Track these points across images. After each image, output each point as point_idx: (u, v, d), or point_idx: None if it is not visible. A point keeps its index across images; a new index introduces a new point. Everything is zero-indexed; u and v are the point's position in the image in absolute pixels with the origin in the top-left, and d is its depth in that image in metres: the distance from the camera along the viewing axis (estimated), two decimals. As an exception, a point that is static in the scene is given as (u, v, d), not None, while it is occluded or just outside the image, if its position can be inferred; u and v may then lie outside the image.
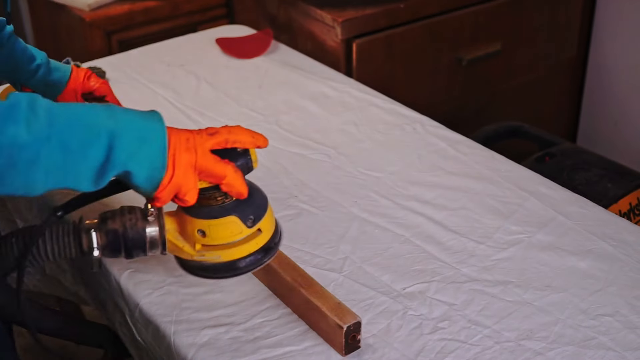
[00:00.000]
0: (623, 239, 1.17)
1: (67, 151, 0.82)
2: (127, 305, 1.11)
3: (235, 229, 0.94)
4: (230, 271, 0.97)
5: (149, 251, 0.95)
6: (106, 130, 0.84)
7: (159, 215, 0.95)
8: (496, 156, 1.39)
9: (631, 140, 2.34)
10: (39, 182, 0.82)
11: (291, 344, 1.00)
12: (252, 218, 0.95)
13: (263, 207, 0.97)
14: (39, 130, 0.80)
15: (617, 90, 2.36)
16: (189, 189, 0.90)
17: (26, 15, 2.41)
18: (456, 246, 1.16)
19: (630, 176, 1.78)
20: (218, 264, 0.96)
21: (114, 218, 0.95)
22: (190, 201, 0.91)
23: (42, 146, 0.80)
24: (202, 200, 0.93)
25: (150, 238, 0.94)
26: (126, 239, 0.94)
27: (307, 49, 1.96)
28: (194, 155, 0.89)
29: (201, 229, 0.94)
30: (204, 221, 0.94)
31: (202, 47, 1.84)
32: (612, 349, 0.98)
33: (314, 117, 1.54)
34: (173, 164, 0.88)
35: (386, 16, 1.93)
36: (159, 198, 0.90)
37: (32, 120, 0.80)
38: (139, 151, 0.86)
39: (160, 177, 0.88)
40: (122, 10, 2.07)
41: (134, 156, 0.85)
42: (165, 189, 0.89)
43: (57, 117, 0.83)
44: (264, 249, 0.98)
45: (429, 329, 1.02)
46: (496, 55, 2.14)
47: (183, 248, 0.96)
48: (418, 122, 1.50)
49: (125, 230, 0.94)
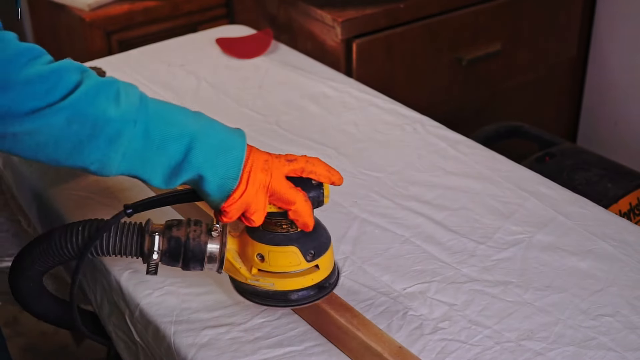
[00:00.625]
0: (623, 239, 1.17)
1: (149, 140, 0.85)
2: (128, 306, 1.11)
3: (294, 260, 0.96)
4: (281, 301, 0.99)
5: (206, 266, 0.97)
6: (190, 131, 0.87)
7: (222, 232, 0.96)
8: (496, 156, 1.39)
9: (631, 140, 2.34)
10: (115, 162, 0.85)
11: (291, 344, 1.00)
12: (313, 253, 0.97)
13: (325, 245, 0.99)
14: (127, 111, 0.83)
15: (617, 90, 2.36)
16: (257, 209, 0.91)
17: (26, 15, 2.41)
18: (456, 246, 1.16)
19: (630, 176, 1.78)
20: (270, 291, 0.98)
21: (179, 227, 0.96)
22: (257, 222, 0.93)
23: (126, 127, 0.83)
24: (267, 225, 0.95)
25: (210, 253, 0.96)
26: (187, 249, 0.95)
27: (307, 49, 1.96)
28: (269, 177, 0.91)
29: (261, 254, 0.96)
30: (265, 246, 0.95)
31: (202, 47, 1.84)
32: (612, 349, 0.98)
33: (314, 117, 1.54)
34: (247, 180, 0.89)
35: (386, 16, 1.93)
36: (227, 212, 0.91)
37: (124, 101, 0.83)
38: (215, 158, 0.88)
39: (232, 188, 0.89)
40: (122, 10, 2.07)
41: (209, 161, 0.87)
42: (235, 203, 0.90)
43: (148, 106, 0.86)
44: (318, 286, 0.99)
45: (429, 329, 1.02)
46: (496, 55, 2.14)
47: (240, 270, 0.98)
48: (418, 122, 1.50)
49: (187, 241, 0.95)
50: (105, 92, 0.83)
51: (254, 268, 0.97)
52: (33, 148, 0.82)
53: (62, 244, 0.97)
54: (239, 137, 0.91)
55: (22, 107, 0.79)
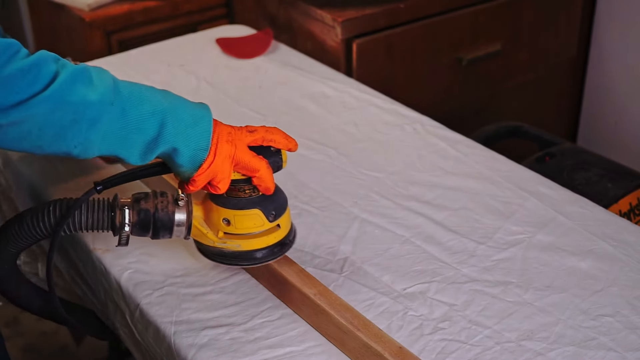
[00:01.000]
0: (623, 239, 1.17)
1: (126, 120, 0.90)
2: (128, 306, 1.11)
3: (257, 222, 1.03)
4: (247, 260, 1.05)
5: (175, 233, 1.02)
6: (161, 108, 0.93)
7: (188, 202, 1.02)
8: (496, 156, 1.39)
9: (631, 140, 2.34)
10: (95, 143, 0.90)
11: (292, 344, 1.00)
12: (274, 214, 1.04)
13: (284, 205, 1.06)
14: (105, 94, 0.88)
15: (617, 90, 2.36)
16: (223, 177, 0.98)
17: (26, 15, 2.41)
18: (456, 246, 1.16)
19: (630, 176, 1.77)
20: (237, 252, 1.04)
21: (147, 199, 1.02)
22: (222, 189, 0.99)
23: (105, 109, 0.88)
24: (231, 192, 1.02)
25: (178, 221, 1.01)
26: (156, 220, 1.01)
27: (307, 49, 1.96)
28: (234, 148, 0.98)
29: (227, 218, 1.02)
30: (230, 211, 1.02)
31: (202, 47, 1.84)
32: (612, 349, 0.98)
33: (314, 117, 1.54)
34: (215, 150, 0.96)
35: (386, 16, 1.93)
36: (195, 181, 0.97)
37: (99, 85, 0.88)
38: (187, 131, 0.94)
39: (203, 158, 0.96)
40: (121, 10, 2.07)
41: (182, 135, 0.94)
42: (204, 173, 0.97)
43: (121, 87, 0.91)
44: (280, 244, 1.06)
45: (429, 329, 1.02)
46: (496, 55, 2.14)
47: (207, 234, 1.04)
48: (418, 122, 1.50)
49: (156, 211, 1.01)
50: (81, 78, 0.87)
51: (220, 232, 1.03)
52: (17, 138, 0.86)
53: (35, 224, 1.01)
54: (205, 111, 0.97)
55: (7, 101, 0.83)
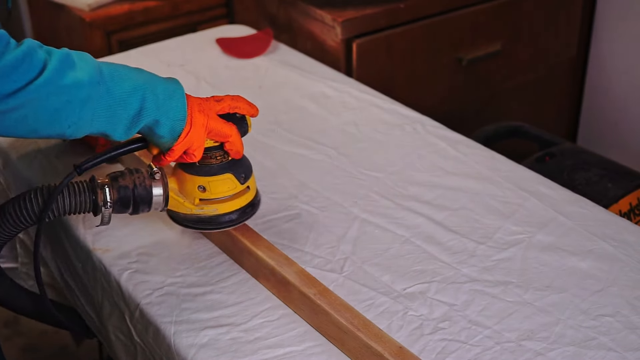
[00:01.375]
0: (623, 239, 1.17)
1: (112, 97, 0.95)
2: (127, 307, 1.11)
3: (231, 185, 1.09)
4: (224, 223, 1.11)
5: (154, 207, 1.07)
6: (140, 84, 0.97)
7: (163, 175, 1.07)
8: (496, 156, 1.39)
9: (631, 140, 2.34)
10: (86, 122, 0.94)
11: (291, 344, 1.00)
12: (244, 176, 1.10)
13: (250, 167, 1.13)
14: (92, 74, 0.93)
15: (617, 90, 2.36)
16: (199, 145, 1.04)
17: (26, 15, 2.41)
18: (456, 246, 1.16)
19: (630, 176, 1.77)
20: (214, 216, 1.10)
21: (124, 177, 1.05)
22: (197, 157, 1.05)
23: (93, 89, 0.93)
24: (203, 160, 1.07)
25: (156, 195, 1.06)
26: (135, 195, 1.05)
27: (307, 49, 1.95)
28: (206, 117, 1.03)
29: (202, 185, 1.08)
30: (204, 178, 1.08)
31: (202, 47, 1.84)
32: (612, 349, 0.98)
33: (314, 117, 1.54)
34: (191, 121, 1.01)
35: (386, 16, 1.93)
36: (173, 150, 1.02)
37: (85, 66, 0.92)
38: (165, 104, 0.99)
39: (181, 128, 1.01)
40: (122, 10, 2.07)
41: (162, 107, 0.99)
42: (182, 142, 1.02)
43: (102, 67, 0.95)
44: (251, 204, 1.13)
45: (429, 329, 1.02)
46: (496, 55, 2.14)
47: (184, 203, 1.09)
48: (418, 122, 1.50)
49: (135, 187, 1.05)
50: (68, 64, 0.91)
51: (196, 199, 1.08)
52: (13, 124, 0.89)
53: (18, 213, 1.03)
54: (177, 84, 1.02)
55: (4, 90, 0.86)
